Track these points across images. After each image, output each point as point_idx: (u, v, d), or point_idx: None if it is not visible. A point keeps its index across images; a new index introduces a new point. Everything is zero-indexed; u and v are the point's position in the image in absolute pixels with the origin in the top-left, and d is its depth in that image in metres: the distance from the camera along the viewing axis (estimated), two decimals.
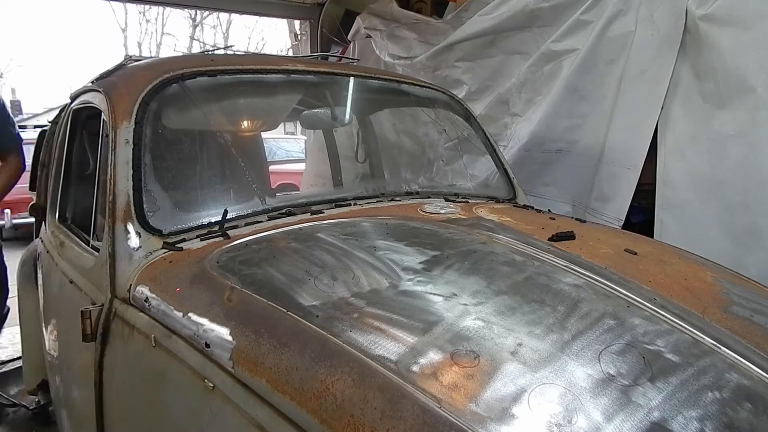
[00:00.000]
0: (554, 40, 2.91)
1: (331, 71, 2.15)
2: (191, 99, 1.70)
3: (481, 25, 3.26)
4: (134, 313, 1.28)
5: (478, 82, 3.40)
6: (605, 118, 2.70)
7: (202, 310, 1.12)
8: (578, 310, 1.04)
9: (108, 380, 1.37)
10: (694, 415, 0.82)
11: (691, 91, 2.39)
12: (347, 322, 0.98)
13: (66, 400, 1.85)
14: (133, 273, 1.35)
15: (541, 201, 2.84)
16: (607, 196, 2.69)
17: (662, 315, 1.06)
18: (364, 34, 4.31)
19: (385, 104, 2.79)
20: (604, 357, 0.91)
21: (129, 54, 2.12)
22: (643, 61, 2.53)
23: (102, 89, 1.67)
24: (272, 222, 1.56)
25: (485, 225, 1.53)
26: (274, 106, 2.17)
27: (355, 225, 1.52)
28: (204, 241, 1.43)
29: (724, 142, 2.26)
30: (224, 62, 1.88)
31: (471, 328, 0.96)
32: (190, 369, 1.07)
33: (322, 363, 0.89)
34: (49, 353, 2.11)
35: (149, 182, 1.49)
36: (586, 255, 1.32)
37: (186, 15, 18.38)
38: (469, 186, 2.34)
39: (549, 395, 0.83)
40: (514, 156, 3.07)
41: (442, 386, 0.83)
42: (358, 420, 0.79)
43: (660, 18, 2.46)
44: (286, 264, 1.23)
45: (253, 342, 0.99)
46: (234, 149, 1.75)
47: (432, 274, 1.17)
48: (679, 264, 1.40)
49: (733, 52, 2.20)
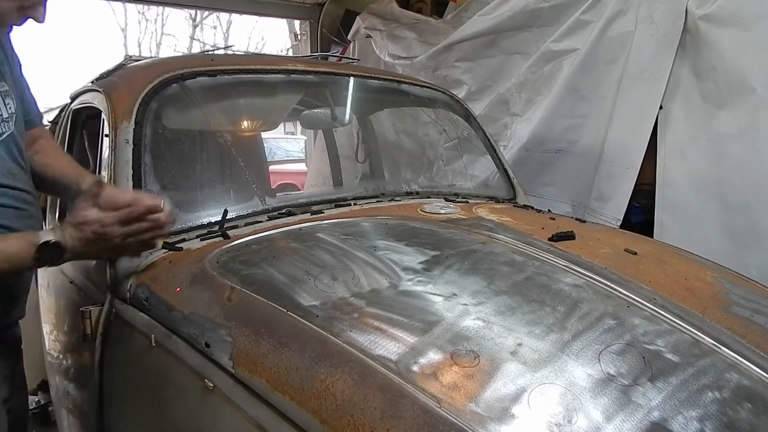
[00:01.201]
0: (554, 40, 2.91)
1: (331, 71, 2.15)
2: (191, 99, 1.70)
3: (481, 25, 3.26)
4: (134, 313, 1.28)
5: (478, 82, 3.39)
6: (605, 118, 2.70)
7: (202, 310, 1.12)
8: (578, 310, 1.04)
9: (108, 380, 1.37)
10: (694, 415, 0.82)
11: (691, 91, 2.39)
12: (347, 322, 0.98)
13: (66, 400, 1.85)
14: (133, 273, 1.35)
15: (541, 201, 2.83)
16: (606, 195, 2.69)
17: (662, 315, 1.06)
18: (364, 34, 4.30)
19: (385, 104, 2.79)
20: (604, 357, 0.91)
21: (129, 54, 2.12)
22: (643, 61, 2.53)
23: (102, 89, 1.67)
24: (272, 222, 1.56)
25: (485, 225, 1.53)
26: (274, 106, 2.17)
27: (355, 225, 1.52)
28: (204, 241, 1.43)
29: (724, 142, 2.26)
30: (224, 62, 1.88)
31: (471, 328, 0.96)
32: (190, 369, 1.07)
33: (322, 363, 0.89)
34: (49, 353, 2.11)
35: (149, 182, 1.49)
36: (586, 255, 1.32)
37: (186, 15, 18.37)
38: (469, 186, 2.34)
39: (549, 395, 0.83)
40: (514, 156, 3.07)
41: (442, 386, 0.83)
42: (358, 420, 0.79)
43: (660, 18, 2.46)
44: (286, 264, 1.23)
45: (253, 342, 0.99)
46: (234, 149, 1.75)
47: (432, 274, 1.17)
48: (679, 264, 1.40)
49: (733, 52, 2.20)
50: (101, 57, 19.54)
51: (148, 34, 23.07)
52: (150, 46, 19.11)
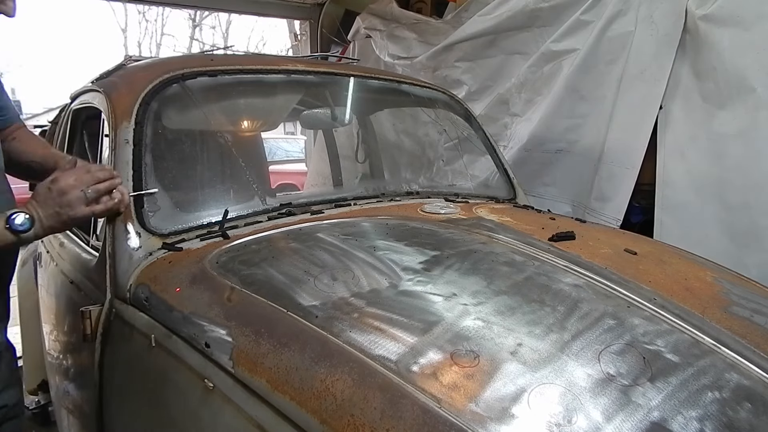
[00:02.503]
0: (554, 40, 2.91)
1: (331, 71, 2.15)
2: (191, 99, 1.70)
3: (481, 25, 3.26)
4: (134, 313, 1.28)
5: (478, 82, 3.39)
6: (605, 118, 2.70)
7: (202, 310, 1.12)
8: (578, 310, 1.04)
9: (108, 380, 1.37)
10: (694, 415, 0.82)
11: (691, 91, 2.39)
12: (347, 322, 0.98)
13: (66, 400, 1.85)
14: (133, 273, 1.35)
15: (541, 201, 2.84)
16: (606, 195, 2.69)
17: (662, 315, 1.06)
18: (364, 34, 4.30)
19: (385, 104, 2.79)
20: (604, 357, 0.91)
21: (129, 54, 2.12)
22: (643, 61, 2.53)
23: (102, 89, 1.67)
24: (272, 222, 1.56)
25: (485, 225, 1.53)
26: (274, 106, 2.17)
27: (355, 225, 1.52)
28: (204, 241, 1.43)
29: (724, 142, 2.26)
30: (224, 62, 1.88)
31: (471, 328, 0.96)
32: (190, 369, 1.07)
33: (322, 363, 0.89)
34: (49, 353, 2.11)
35: (149, 182, 1.49)
36: (586, 255, 1.32)
37: (186, 15, 18.37)
38: (469, 186, 2.34)
39: (549, 395, 0.83)
40: (514, 156, 3.07)
41: (442, 386, 0.83)
42: (358, 420, 0.79)
43: (660, 18, 2.46)
44: (286, 264, 1.23)
45: (253, 342, 0.99)
46: (234, 149, 1.75)
47: (432, 274, 1.17)
48: (679, 264, 1.40)
49: (733, 52, 2.20)
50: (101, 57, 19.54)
51: (148, 34, 23.11)
52: (150, 46, 19.13)
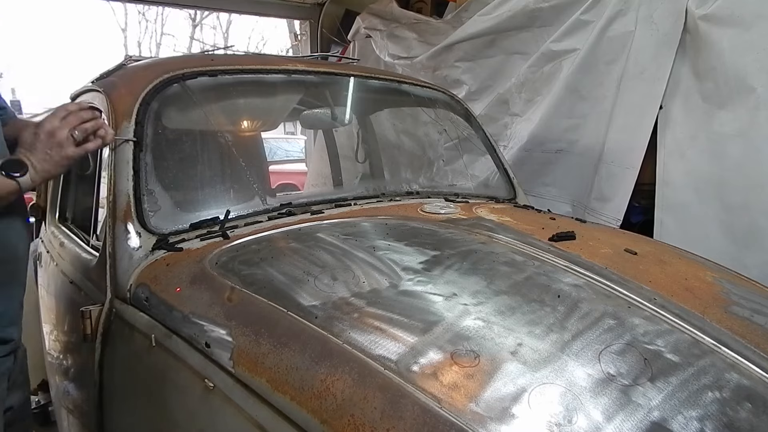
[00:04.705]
0: (554, 40, 2.91)
1: (331, 71, 2.15)
2: (191, 99, 1.70)
3: (481, 25, 3.26)
4: (134, 313, 1.28)
5: (478, 82, 3.39)
6: (605, 118, 2.70)
7: (202, 310, 1.12)
8: (578, 310, 1.04)
9: (108, 380, 1.37)
10: (694, 415, 0.82)
11: (691, 91, 2.39)
12: (347, 322, 0.98)
13: (66, 400, 1.85)
14: (133, 273, 1.35)
15: (541, 201, 2.83)
16: (606, 195, 2.69)
17: (662, 315, 1.06)
18: (364, 34, 4.30)
19: (385, 104, 2.79)
20: (604, 357, 0.91)
21: (129, 54, 2.12)
22: (643, 61, 2.53)
23: (102, 89, 1.67)
24: (272, 222, 1.56)
25: (485, 225, 1.53)
26: (274, 106, 2.17)
27: (355, 225, 1.52)
28: (204, 241, 1.43)
29: (724, 142, 2.26)
30: (224, 62, 1.88)
31: (471, 328, 0.96)
32: (190, 369, 1.07)
33: (322, 363, 0.89)
34: (49, 353, 2.10)
35: (150, 182, 1.49)
36: (586, 255, 1.32)
37: (186, 15, 18.37)
38: (469, 186, 2.34)
39: (549, 395, 0.83)
40: (514, 156, 3.07)
41: (442, 386, 0.83)
42: (358, 420, 0.79)
43: (660, 18, 2.46)
44: (286, 264, 1.23)
45: (253, 342, 0.99)
46: (234, 149, 1.75)
47: (432, 274, 1.17)
48: (679, 264, 1.40)
49: (733, 52, 2.20)
50: (101, 57, 19.56)
51: (148, 34, 23.11)
52: (150, 46, 19.13)
